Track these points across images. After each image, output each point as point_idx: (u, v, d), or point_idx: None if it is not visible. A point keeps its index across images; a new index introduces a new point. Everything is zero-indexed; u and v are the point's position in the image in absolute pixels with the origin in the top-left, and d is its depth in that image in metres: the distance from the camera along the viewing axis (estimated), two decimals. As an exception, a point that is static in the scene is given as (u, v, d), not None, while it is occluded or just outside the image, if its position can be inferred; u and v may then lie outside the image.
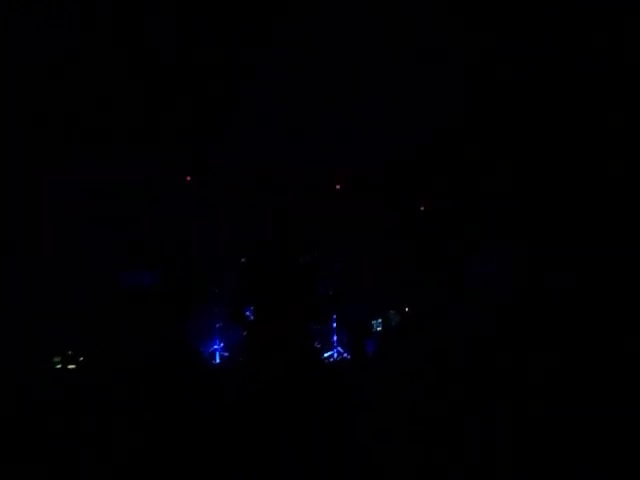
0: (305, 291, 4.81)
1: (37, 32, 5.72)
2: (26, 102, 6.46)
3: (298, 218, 6.45)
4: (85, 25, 5.63)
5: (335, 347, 8.07)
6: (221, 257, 7.32)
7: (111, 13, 5.57)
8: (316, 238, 8.12)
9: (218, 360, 7.68)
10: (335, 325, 8.11)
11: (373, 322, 7.81)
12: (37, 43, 5.90)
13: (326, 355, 7.98)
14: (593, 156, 6.11)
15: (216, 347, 7.74)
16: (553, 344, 5.19)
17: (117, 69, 6.20)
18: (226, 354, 7.74)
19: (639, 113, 5.65)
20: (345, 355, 8.07)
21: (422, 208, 8.72)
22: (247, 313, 5.38)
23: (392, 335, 5.82)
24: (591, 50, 5.52)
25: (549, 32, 5.63)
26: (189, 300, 7.13)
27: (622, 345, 4.98)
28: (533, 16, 5.65)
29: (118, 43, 5.86)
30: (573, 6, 5.48)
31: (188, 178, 8.26)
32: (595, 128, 6.08)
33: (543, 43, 5.69)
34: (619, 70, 5.63)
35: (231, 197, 8.42)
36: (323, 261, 8.16)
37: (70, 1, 5.53)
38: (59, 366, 6.54)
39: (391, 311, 7.42)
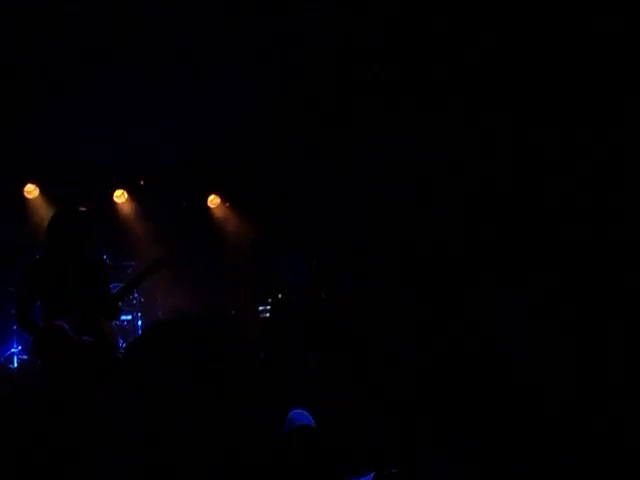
0: (100, 288, 4.68)
1: None
2: None
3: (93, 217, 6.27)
4: None
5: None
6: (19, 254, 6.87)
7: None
8: (114, 234, 7.85)
9: (16, 364, 7.21)
10: (140, 323, 7.86)
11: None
12: None
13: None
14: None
15: (14, 350, 7.28)
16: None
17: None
18: (25, 357, 7.22)
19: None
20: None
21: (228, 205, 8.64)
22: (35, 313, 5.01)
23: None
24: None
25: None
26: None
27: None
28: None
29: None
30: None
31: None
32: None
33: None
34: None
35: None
36: (119, 256, 7.88)
37: None
38: None
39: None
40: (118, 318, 5.68)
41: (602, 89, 5.02)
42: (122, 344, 7.33)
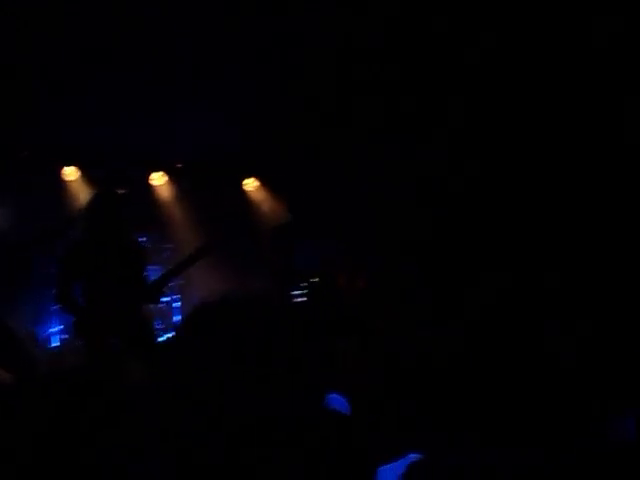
0: (139, 272, 4.76)
1: None
2: None
3: (132, 199, 6.29)
4: None
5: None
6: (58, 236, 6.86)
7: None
8: (149, 220, 7.84)
9: (55, 343, 7.33)
10: (180, 305, 7.89)
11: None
12: None
13: (166, 337, 7.72)
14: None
15: (54, 330, 7.38)
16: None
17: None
18: (66, 337, 7.26)
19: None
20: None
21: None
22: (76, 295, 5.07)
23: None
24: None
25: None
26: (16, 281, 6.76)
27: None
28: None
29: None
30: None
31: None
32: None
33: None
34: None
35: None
36: (156, 239, 7.91)
37: None
38: None
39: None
40: (158, 303, 5.74)
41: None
42: (159, 325, 7.45)
